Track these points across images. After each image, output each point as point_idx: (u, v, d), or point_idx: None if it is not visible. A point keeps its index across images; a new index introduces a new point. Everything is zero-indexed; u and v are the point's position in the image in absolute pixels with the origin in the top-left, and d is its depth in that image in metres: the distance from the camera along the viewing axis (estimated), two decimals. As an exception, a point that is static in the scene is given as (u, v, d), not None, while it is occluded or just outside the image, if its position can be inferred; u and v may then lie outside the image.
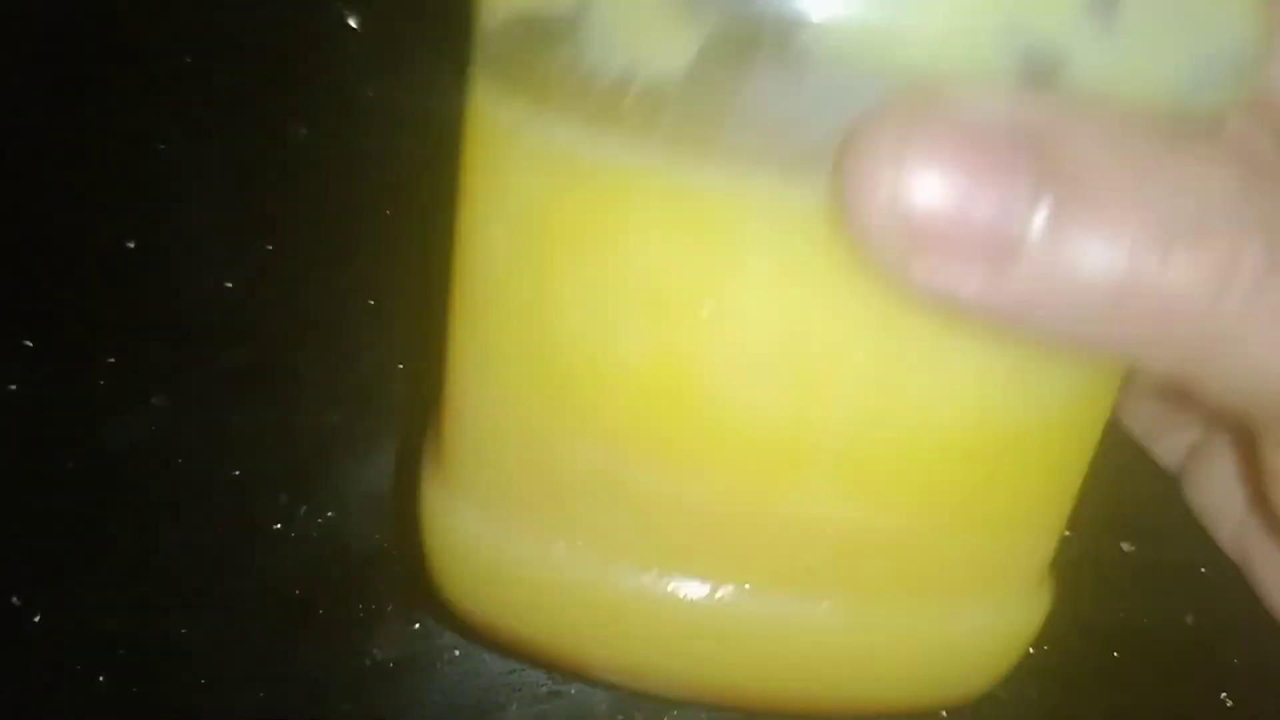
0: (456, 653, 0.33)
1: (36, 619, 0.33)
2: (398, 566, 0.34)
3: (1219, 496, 0.26)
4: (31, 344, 0.34)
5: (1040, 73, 0.16)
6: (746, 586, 0.20)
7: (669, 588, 0.20)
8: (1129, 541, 0.32)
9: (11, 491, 0.34)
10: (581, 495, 0.20)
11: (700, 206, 0.17)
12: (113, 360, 0.34)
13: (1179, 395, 0.24)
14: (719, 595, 0.20)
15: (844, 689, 0.21)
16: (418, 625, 0.33)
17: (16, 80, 0.35)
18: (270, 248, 0.35)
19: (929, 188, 0.15)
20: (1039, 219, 0.15)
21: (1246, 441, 0.23)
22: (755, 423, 0.19)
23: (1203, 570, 0.33)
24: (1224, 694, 0.33)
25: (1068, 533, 0.22)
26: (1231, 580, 0.27)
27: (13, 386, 0.34)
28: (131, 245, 0.35)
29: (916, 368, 0.18)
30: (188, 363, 0.34)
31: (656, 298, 0.18)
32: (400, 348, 0.34)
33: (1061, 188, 0.15)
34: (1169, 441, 0.28)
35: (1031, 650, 0.22)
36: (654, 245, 0.18)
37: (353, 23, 0.36)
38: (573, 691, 0.33)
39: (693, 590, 0.20)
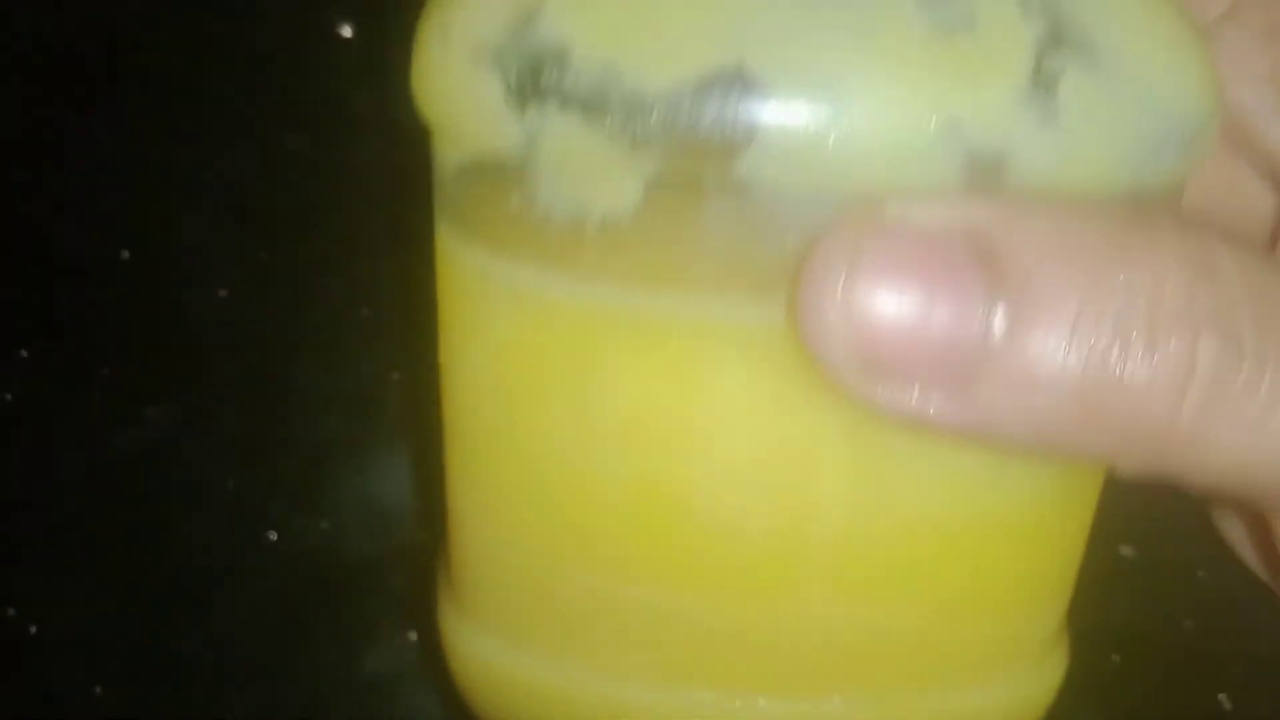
0: (453, 662, 0.33)
1: (33, 630, 0.33)
2: (393, 577, 0.34)
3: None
4: (28, 354, 0.34)
5: (985, 172, 0.16)
6: (757, 696, 0.20)
7: (681, 703, 0.20)
8: (1128, 545, 0.32)
9: (8, 502, 0.34)
10: (586, 618, 0.20)
11: (665, 336, 0.18)
12: (108, 370, 0.34)
13: None
14: (731, 706, 0.20)
15: None
16: (413, 636, 0.33)
17: (12, 91, 0.35)
18: (265, 257, 0.35)
19: (881, 311, 0.16)
20: (995, 331, 0.16)
21: (1250, 513, 0.23)
22: (744, 539, 0.19)
23: (1201, 574, 0.33)
24: (1222, 696, 0.33)
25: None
26: (1230, 584, 0.27)
27: (9, 396, 0.34)
28: (127, 255, 0.35)
29: (896, 472, 0.18)
30: (183, 373, 0.34)
31: (634, 426, 0.18)
32: (396, 357, 0.34)
33: (1014, 297, 0.16)
34: None
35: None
36: (626, 377, 0.18)
37: (346, 33, 0.36)
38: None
39: (704, 702, 0.20)
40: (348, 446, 0.34)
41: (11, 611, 0.33)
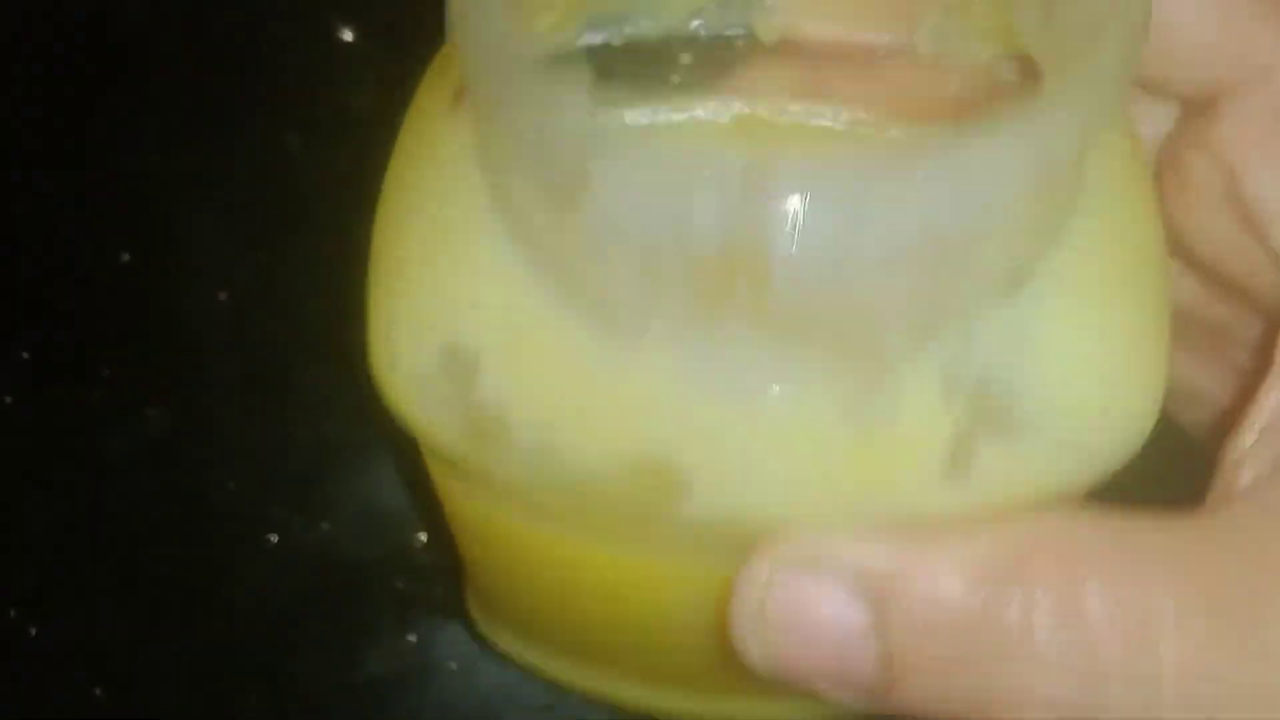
0: (453, 666, 0.33)
1: (33, 632, 0.33)
2: (393, 579, 0.34)
3: None
4: (27, 356, 0.34)
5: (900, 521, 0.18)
6: None
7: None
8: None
9: (7, 504, 0.34)
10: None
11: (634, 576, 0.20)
12: (108, 372, 0.34)
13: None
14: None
15: None
16: (414, 638, 0.33)
17: (11, 92, 0.35)
18: (265, 258, 0.35)
19: (782, 636, 0.19)
20: (876, 665, 0.18)
21: None
22: None
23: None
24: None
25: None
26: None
27: (8, 399, 0.34)
28: (127, 257, 0.35)
29: None
30: (183, 375, 0.34)
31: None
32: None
33: (892, 644, 0.18)
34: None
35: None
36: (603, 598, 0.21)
37: (347, 35, 0.36)
38: (570, 705, 0.33)
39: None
40: (348, 449, 0.34)
41: (11, 613, 0.33)
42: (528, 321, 0.18)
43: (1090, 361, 0.18)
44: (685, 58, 0.22)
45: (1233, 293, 0.25)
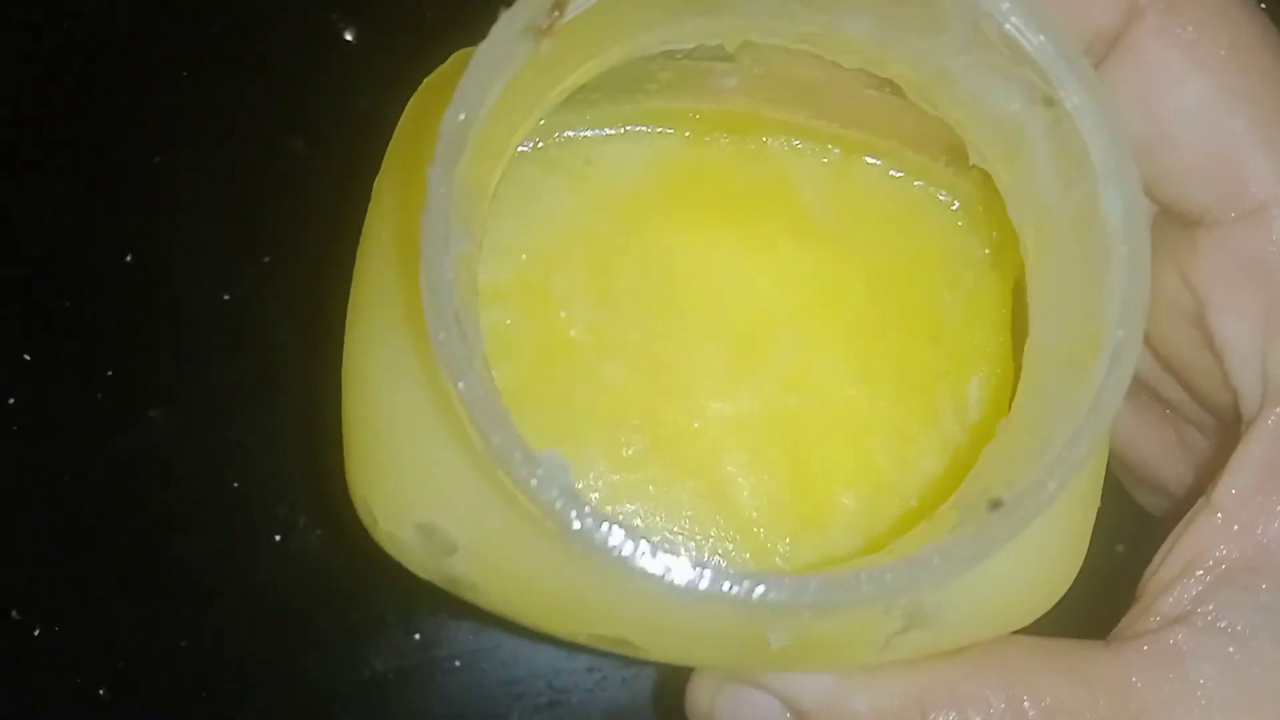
0: (457, 663, 0.34)
1: (36, 632, 0.33)
2: (397, 578, 0.34)
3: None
4: (31, 357, 0.34)
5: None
6: None
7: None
8: (1121, 544, 0.32)
9: (11, 504, 0.34)
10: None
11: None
12: (112, 373, 0.34)
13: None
14: None
15: None
16: (418, 636, 0.33)
17: (15, 95, 0.35)
18: (268, 260, 0.35)
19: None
20: None
21: None
22: None
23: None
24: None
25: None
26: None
27: (12, 400, 0.34)
28: (130, 258, 0.35)
29: None
30: (187, 375, 0.34)
31: None
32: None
33: None
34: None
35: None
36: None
37: (349, 36, 0.36)
38: (573, 701, 0.33)
39: None
40: (350, 448, 0.34)
41: (15, 614, 0.33)
42: (497, 518, 0.19)
43: (999, 579, 0.21)
44: (664, 75, 0.22)
45: (1185, 383, 0.25)
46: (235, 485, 0.34)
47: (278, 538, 0.34)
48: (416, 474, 0.20)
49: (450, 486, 0.20)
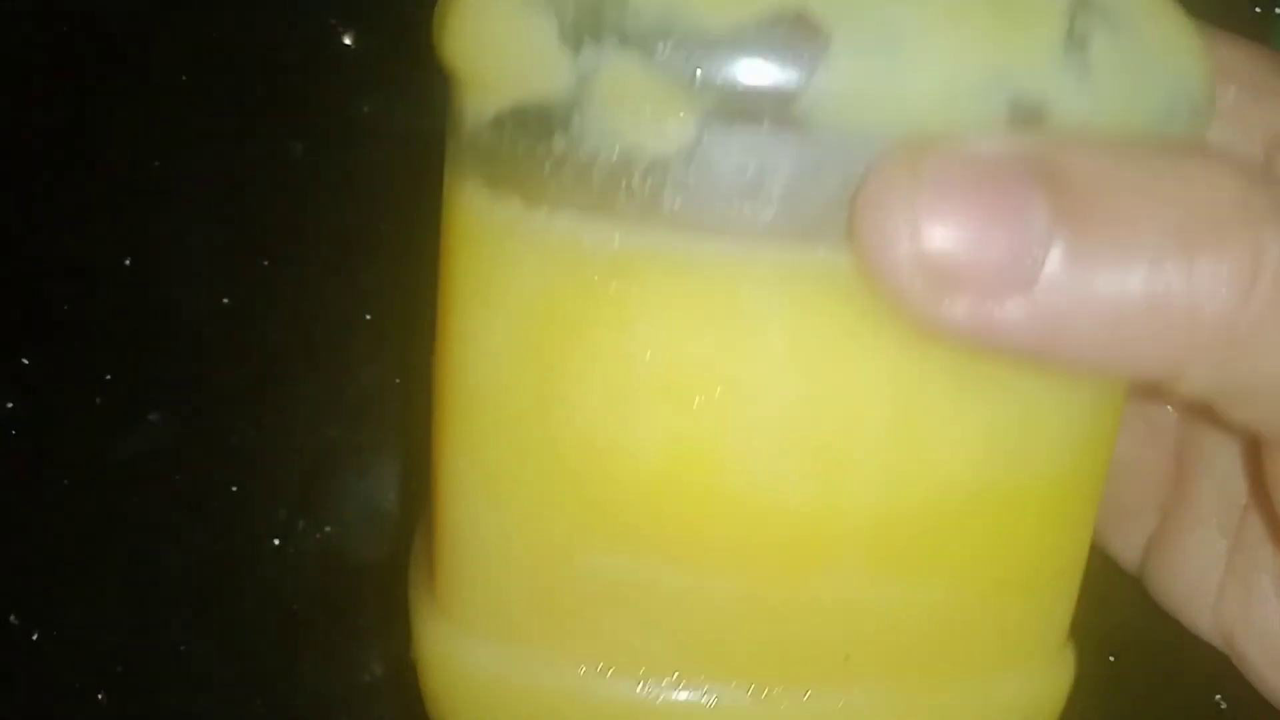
0: (456, 666, 0.33)
1: (35, 637, 0.33)
2: (395, 583, 0.34)
3: (1189, 580, 0.25)
4: (29, 361, 0.34)
5: (1026, 120, 0.17)
6: (781, 687, 0.20)
7: (707, 699, 0.20)
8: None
9: (9, 509, 0.34)
10: (604, 609, 0.19)
11: (711, 284, 0.18)
12: (111, 377, 0.34)
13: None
14: (761, 696, 0.20)
15: None
16: (417, 638, 0.33)
17: (13, 98, 0.35)
18: (267, 264, 0.35)
19: (946, 230, 0.16)
20: (1059, 245, 0.16)
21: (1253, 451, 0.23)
22: (781, 507, 0.18)
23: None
24: (1218, 696, 0.33)
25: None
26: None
27: (10, 404, 0.34)
28: (129, 262, 0.35)
29: (934, 431, 0.18)
30: (186, 379, 0.34)
31: (672, 384, 0.18)
32: (398, 362, 0.34)
33: (1075, 210, 0.16)
34: (1125, 536, 0.26)
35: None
36: (666, 329, 0.18)
37: (348, 40, 0.36)
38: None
39: (732, 698, 0.20)
40: (350, 452, 0.34)
41: (13, 618, 0.33)
42: None
43: (1160, 8, 0.18)
44: None
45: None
46: (234, 489, 0.34)
47: (276, 542, 0.34)
48: None
49: None
